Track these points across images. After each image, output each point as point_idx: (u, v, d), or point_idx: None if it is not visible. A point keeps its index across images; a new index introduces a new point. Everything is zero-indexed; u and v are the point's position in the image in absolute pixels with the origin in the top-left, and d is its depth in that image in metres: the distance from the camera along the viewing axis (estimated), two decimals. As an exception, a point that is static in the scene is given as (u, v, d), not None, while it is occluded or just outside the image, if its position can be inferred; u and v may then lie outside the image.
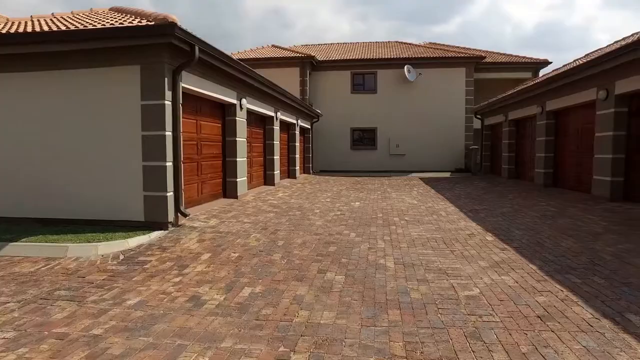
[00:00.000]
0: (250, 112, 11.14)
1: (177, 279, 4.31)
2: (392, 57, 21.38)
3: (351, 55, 22.19)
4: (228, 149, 9.53)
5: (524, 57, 22.52)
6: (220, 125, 9.33)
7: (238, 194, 9.63)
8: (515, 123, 15.12)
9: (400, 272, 4.52)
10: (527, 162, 14.17)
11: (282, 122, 14.64)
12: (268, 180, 13.08)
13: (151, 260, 4.97)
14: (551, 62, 21.83)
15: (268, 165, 13.05)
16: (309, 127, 19.98)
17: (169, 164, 6.44)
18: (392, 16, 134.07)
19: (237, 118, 9.53)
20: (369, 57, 21.60)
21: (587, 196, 9.59)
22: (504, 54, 23.21)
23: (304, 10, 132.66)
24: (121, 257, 5.15)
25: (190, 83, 7.25)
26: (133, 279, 4.31)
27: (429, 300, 3.70)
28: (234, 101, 9.38)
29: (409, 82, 21.12)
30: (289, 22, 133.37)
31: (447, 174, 19.86)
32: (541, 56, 22.46)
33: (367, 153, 22.07)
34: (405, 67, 20.76)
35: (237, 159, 9.61)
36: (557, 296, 3.72)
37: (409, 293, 3.89)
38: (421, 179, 17.63)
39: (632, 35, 10.54)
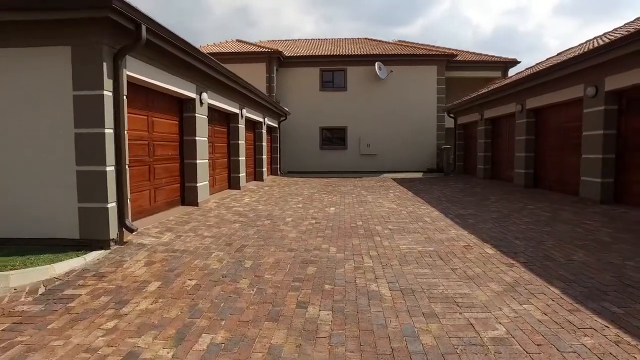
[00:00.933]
0: (212, 109, 10.00)
1: (112, 324, 3.23)
2: (363, 53, 20.67)
3: (320, 51, 21.30)
4: (187, 150, 8.38)
5: (492, 56, 22.42)
6: (177, 122, 8.17)
7: (199, 201, 8.49)
8: (491, 122, 14.72)
9: (400, 303, 3.63)
10: (504, 162, 13.78)
11: (248, 120, 13.54)
12: (233, 183, 11.96)
13: (80, 295, 3.83)
14: (520, 62, 21.89)
15: (233, 167, 11.92)
16: (277, 125, 18.94)
17: (110, 168, 5.28)
18: (357, 17, 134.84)
19: (196, 114, 8.39)
20: (338, 53, 20.77)
21: (574, 198, 9.13)
22: (473, 53, 23.04)
23: (270, 9, 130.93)
24: (41, 290, 3.97)
25: (138, 71, 6.09)
26: (48, 327, 3.18)
27: (447, 348, 2.82)
28: (193, 95, 8.25)
29: (379, 79, 20.49)
30: (254, 20, 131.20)
31: (420, 175, 19.38)
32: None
33: (337, 153, 21.28)
34: (376, 64, 20.10)
35: (198, 161, 8.47)
36: (605, 336, 2.93)
37: (418, 337, 3.00)
38: (394, 179, 17.00)
39: (604, 35, 10.22)
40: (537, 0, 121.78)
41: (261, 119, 15.03)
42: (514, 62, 21.84)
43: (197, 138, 8.41)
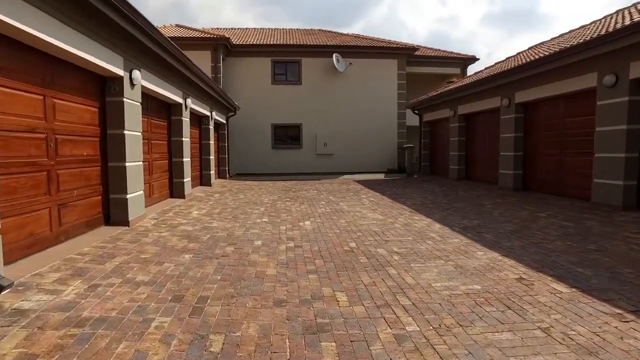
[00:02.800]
0: (147, 95, 7.69)
1: None
2: (319, 43, 18.89)
3: (271, 40, 19.20)
4: (112, 148, 6.04)
5: (451, 52, 21.72)
6: (96, 109, 5.81)
7: (130, 219, 6.19)
8: (466, 118, 13.54)
9: None
10: (483, 161, 12.65)
11: (193, 114, 11.21)
12: (176, 191, 9.62)
13: None
14: (479, 59, 21.31)
15: (176, 171, 9.58)
16: (225, 122, 16.61)
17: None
18: (296, 17, 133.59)
19: (125, 99, 6.08)
20: (292, 42, 18.82)
21: (584, 204, 7.97)
22: (431, 49, 22.17)
23: (208, 6, 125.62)
24: None
25: (26, 22, 3.80)
26: None
27: None
28: (120, 72, 5.94)
29: (337, 73, 18.85)
30: (191, 16, 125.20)
31: (381, 176, 17.99)
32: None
33: (291, 153, 19.35)
34: (334, 55, 18.43)
35: (128, 164, 6.17)
36: None
37: None
38: (357, 182, 15.42)
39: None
40: (467, 10, 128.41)
41: (208, 113, 12.71)
42: (473, 59, 21.25)
43: (126, 132, 6.10)
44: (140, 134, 6.73)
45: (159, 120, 8.72)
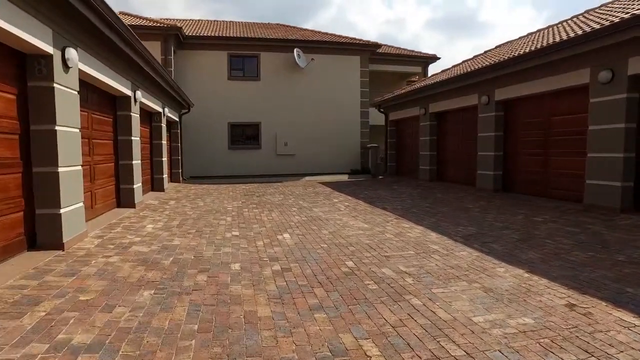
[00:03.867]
0: (88, 84, 6.31)
1: None
2: (280, 37, 17.79)
3: (228, 33, 17.83)
4: (37, 149, 4.66)
5: (412, 51, 21.41)
6: (12, 97, 4.40)
7: (65, 239, 4.83)
8: (437, 116, 13.02)
9: None
10: (455, 161, 12.19)
11: (143, 109, 9.75)
12: (125, 199, 8.19)
13: None
14: (440, 58, 21.17)
15: (123, 176, 8.15)
16: (177, 119, 15.07)
17: None
18: (246, 16, 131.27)
19: (55, 85, 4.71)
20: (250, 35, 17.57)
21: (576, 206, 7.56)
22: (392, 47, 21.75)
23: (154, 2, 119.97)
24: None
25: None
26: None
27: None
28: (48, 49, 4.57)
29: (298, 69, 17.87)
30: (137, 12, 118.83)
31: (345, 177, 17.25)
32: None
33: (250, 154, 18.10)
34: (295, 50, 17.41)
35: (61, 169, 4.81)
36: None
37: None
38: (323, 184, 14.56)
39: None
40: (412, 14, 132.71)
41: (160, 109, 11.24)
42: (435, 58, 21.08)
43: (58, 128, 4.74)
44: (78, 131, 5.36)
45: (102, 116, 7.28)
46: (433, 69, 35.12)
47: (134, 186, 8.29)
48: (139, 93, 8.44)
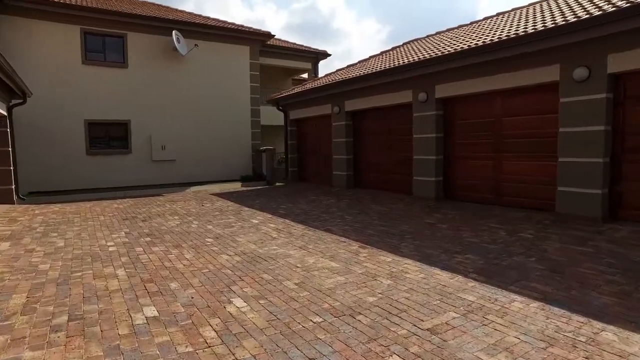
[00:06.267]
0: None
1: None
2: (154, 15, 14.41)
3: (82, 2, 13.70)
4: None
5: (302, 46, 19.99)
6: None
7: None
8: (355, 115, 11.60)
9: None
10: (378, 166, 10.99)
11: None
12: None
13: None
14: (330, 55, 20.17)
15: None
16: (5, 113, 10.72)
17: None
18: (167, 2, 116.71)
19: None
20: (114, 9, 13.78)
21: (549, 216, 6.82)
22: (282, 40, 20.01)
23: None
24: None
25: None
26: None
27: None
28: None
29: (177, 57, 14.82)
30: None
31: (239, 185, 14.95)
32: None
33: (116, 160, 14.36)
34: (174, 33, 14.30)
35: None
36: None
37: None
38: (218, 195, 12.18)
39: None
40: (272, 17, 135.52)
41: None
42: (325, 54, 20.03)
43: None
44: None
45: None
46: (323, 65, 34.35)
47: None
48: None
